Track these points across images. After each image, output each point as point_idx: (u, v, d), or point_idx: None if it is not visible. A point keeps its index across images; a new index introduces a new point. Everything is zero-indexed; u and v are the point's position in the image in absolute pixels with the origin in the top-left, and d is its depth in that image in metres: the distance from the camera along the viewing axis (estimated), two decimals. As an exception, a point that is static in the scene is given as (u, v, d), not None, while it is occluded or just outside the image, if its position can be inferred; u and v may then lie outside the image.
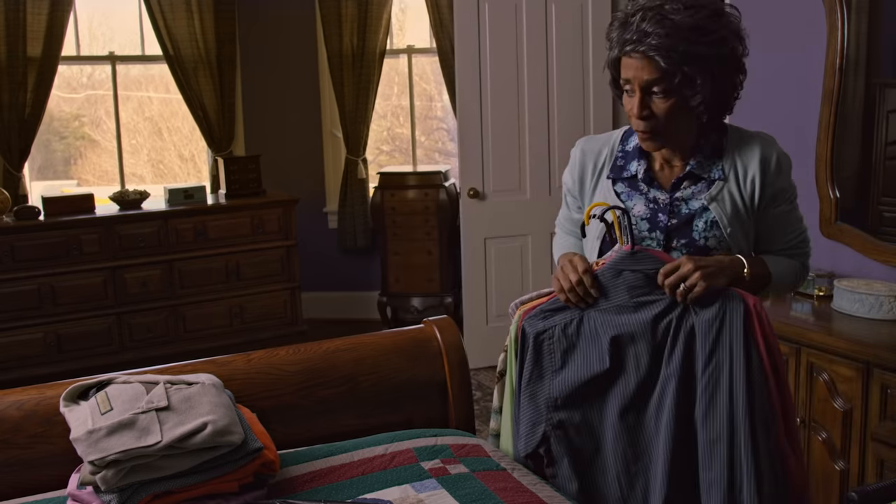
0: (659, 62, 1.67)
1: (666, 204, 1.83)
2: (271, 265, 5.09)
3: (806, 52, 3.07)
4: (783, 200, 1.86)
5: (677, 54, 1.66)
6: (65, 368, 4.43)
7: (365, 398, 2.20)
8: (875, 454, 2.41)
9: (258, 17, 5.72)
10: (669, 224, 1.82)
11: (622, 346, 1.76)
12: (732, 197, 1.81)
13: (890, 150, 2.95)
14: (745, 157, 1.83)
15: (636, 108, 1.74)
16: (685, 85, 1.70)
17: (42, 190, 5.81)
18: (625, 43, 1.71)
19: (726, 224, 1.79)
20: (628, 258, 1.76)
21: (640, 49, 1.68)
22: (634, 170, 1.87)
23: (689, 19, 1.68)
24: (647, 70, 1.69)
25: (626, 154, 1.91)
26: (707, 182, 1.82)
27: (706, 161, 1.83)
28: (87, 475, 1.67)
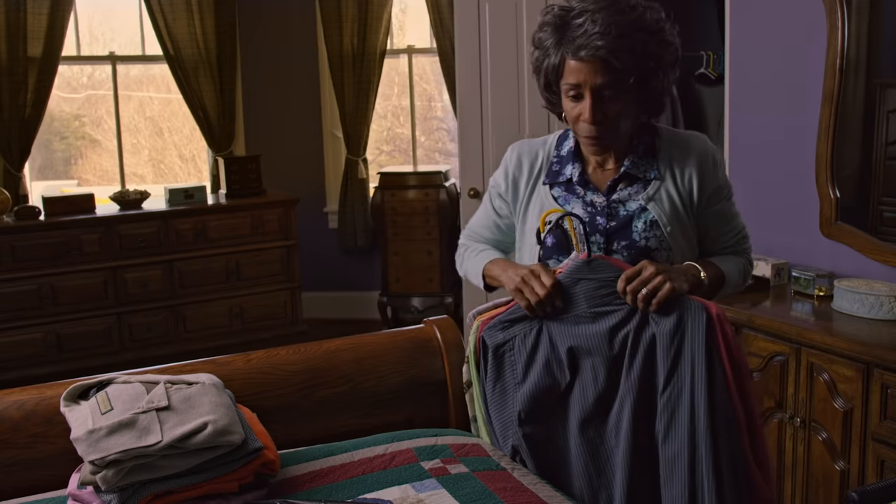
0: (613, 63, 1.64)
1: (603, 207, 1.81)
2: (271, 265, 5.10)
3: (806, 52, 3.07)
4: (722, 197, 1.86)
5: (632, 55, 1.64)
6: (65, 368, 4.43)
7: (365, 398, 2.20)
8: (875, 454, 2.41)
9: (258, 17, 5.72)
10: (608, 227, 1.79)
11: (579, 357, 1.72)
12: (670, 196, 1.79)
13: (890, 150, 2.95)
14: (681, 155, 1.82)
15: (588, 113, 1.69)
16: (638, 86, 1.69)
17: (42, 190, 5.81)
18: (574, 47, 1.66)
19: (665, 223, 1.78)
20: (585, 267, 1.72)
21: (591, 52, 1.64)
22: (570, 173, 1.85)
23: (639, 19, 1.67)
24: (599, 73, 1.65)
25: (560, 158, 1.88)
26: (643, 182, 1.81)
27: (640, 161, 1.81)
28: (88, 475, 1.67)
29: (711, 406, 1.60)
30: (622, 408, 1.67)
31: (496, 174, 1.97)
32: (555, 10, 1.74)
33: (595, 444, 1.72)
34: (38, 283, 4.53)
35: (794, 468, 2.68)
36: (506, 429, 1.85)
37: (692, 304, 1.65)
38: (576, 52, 1.66)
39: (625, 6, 1.67)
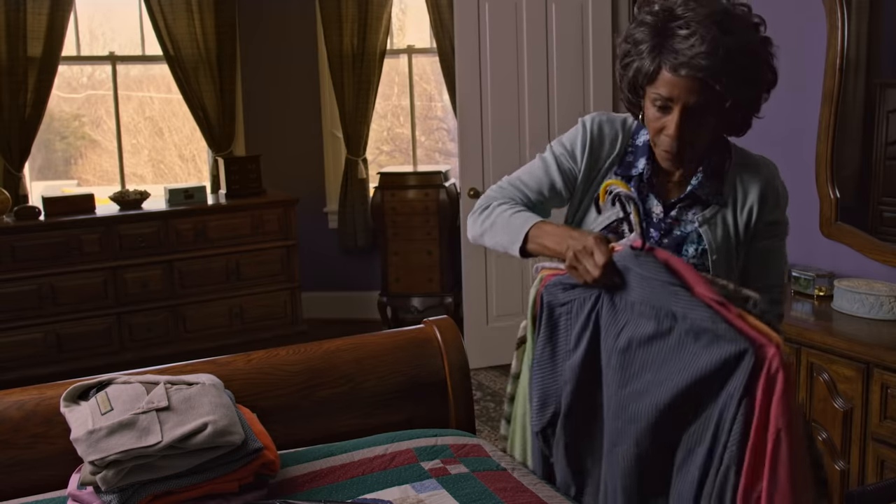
0: (713, 86, 1.53)
1: (660, 220, 1.72)
2: (271, 265, 5.10)
3: (806, 52, 3.07)
4: (774, 234, 1.76)
5: (734, 80, 1.54)
6: (65, 368, 4.43)
7: (365, 398, 2.20)
8: (875, 454, 2.41)
9: (258, 17, 5.72)
10: (661, 242, 1.70)
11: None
12: (726, 223, 1.71)
13: (890, 150, 2.95)
14: (747, 183, 1.73)
15: (674, 129, 1.59)
16: (733, 110, 1.60)
17: (42, 190, 5.81)
18: (675, 61, 1.54)
19: (713, 250, 1.69)
20: (631, 256, 1.55)
21: (692, 72, 1.52)
22: (642, 168, 1.73)
23: (749, 43, 1.56)
24: (695, 92, 1.54)
25: (636, 149, 1.76)
26: (703, 204, 1.72)
27: (707, 182, 1.72)
28: (88, 475, 1.67)
29: (719, 471, 1.44)
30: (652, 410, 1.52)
31: (571, 138, 1.79)
32: (657, 9, 1.59)
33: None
34: (38, 284, 4.53)
35: (794, 468, 2.68)
36: (546, 397, 1.73)
37: (743, 346, 1.42)
38: (676, 66, 1.54)
39: (737, 24, 1.56)
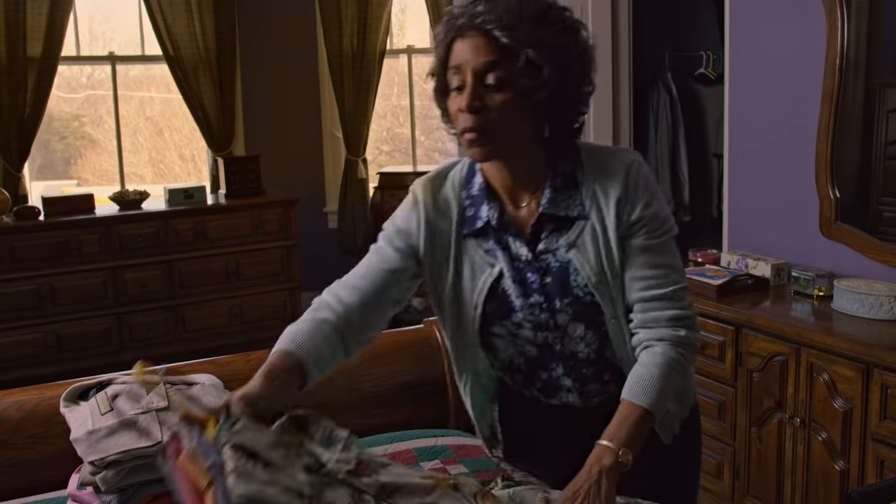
0: (499, 37, 1.36)
1: (530, 261, 1.50)
2: (271, 265, 5.10)
3: (806, 52, 3.07)
4: (644, 231, 1.48)
5: (521, 32, 1.37)
6: (65, 368, 4.43)
7: (365, 398, 2.20)
8: (875, 454, 2.41)
9: (258, 17, 5.72)
10: (544, 284, 1.49)
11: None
12: (596, 239, 1.47)
13: (890, 149, 2.95)
14: (606, 182, 1.48)
15: (467, 97, 1.39)
16: (528, 73, 1.38)
17: (42, 190, 5.81)
18: (459, 25, 1.40)
19: (590, 274, 1.46)
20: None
21: (476, 24, 1.38)
22: (486, 216, 1.51)
23: (535, 5, 1.41)
24: (483, 50, 1.38)
25: (472, 198, 1.54)
26: (568, 222, 1.49)
27: (560, 196, 1.48)
28: (87, 475, 1.67)
29: None
30: None
31: (403, 218, 1.61)
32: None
33: None
34: (38, 284, 4.53)
35: (793, 468, 2.68)
36: None
37: None
38: (460, 29, 1.40)
39: (538, 8, 1.41)
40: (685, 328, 1.49)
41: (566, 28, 1.42)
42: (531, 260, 1.50)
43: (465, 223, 1.54)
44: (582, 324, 1.50)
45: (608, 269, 1.47)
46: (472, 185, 1.55)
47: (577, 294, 1.48)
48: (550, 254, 1.49)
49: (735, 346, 2.86)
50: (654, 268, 1.49)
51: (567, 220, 1.48)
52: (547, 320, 1.50)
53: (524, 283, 1.50)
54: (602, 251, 1.47)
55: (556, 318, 1.50)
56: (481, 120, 1.40)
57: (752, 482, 2.86)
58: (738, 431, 2.89)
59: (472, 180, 1.56)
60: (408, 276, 1.59)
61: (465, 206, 1.55)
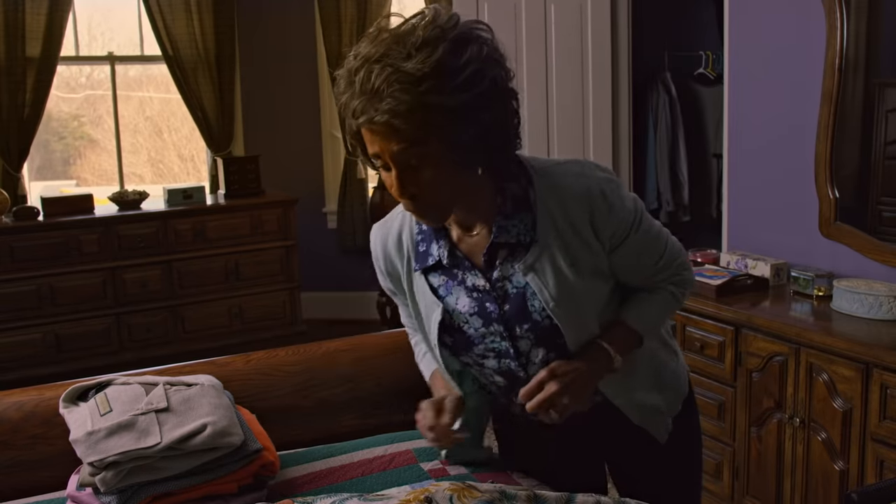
0: (401, 129, 1.27)
1: (487, 290, 1.48)
2: (271, 265, 5.09)
3: (805, 52, 3.07)
4: (627, 231, 1.48)
5: (424, 113, 1.26)
6: (64, 369, 4.43)
7: (364, 399, 2.20)
8: (875, 454, 2.41)
9: (257, 17, 5.72)
10: (503, 312, 1.47)
11: None
12: (555, 261, 1.43)
13: (889, 149, 2.95)
14: (562, 204, 1.43)
15: (396, 188, 1.34)
16: (442, 145, 1.30)
17: (41, 190, 5.81)
18: (361, 112, 1.29)
19: (548, 298, 1.43)
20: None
21: (375, 118, 1.27)
22: (437, 253, 1.50)
23: (425, 65, 1.25)
24: (393, 140, 1.28)
25: (424, 234, 1.53)
26: (523, 250, 1.45)
27: (510, 222, 1.44)
28: (87, 476, 1.67)
29: None
30: None
31: (376, 272, 1.66)
32: (349, 57, 1.33)
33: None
34: (37, 284, 4.52)
35: (793, 468, 2.68)
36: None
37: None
38: (362, 118, 1.29)
39: (408, 49, 1.27)
40: (685, 270, 1.62)
41: (471, 76, 1.29)
42: (488, 289, 1.48)
43: (418, 260, 1.53)
44: (543, 348, 1.49)
45: (569, 291, 1.44)
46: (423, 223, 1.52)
47: (535, 319, 1.46)
48: (507, 280, 1.47)
49: (734, 346, 2.86)
50: (649, 249, 1.54)
51: (521, 246, 1.45)
52: (507, 348, 1.50)
53: (484, 313, 1.48)
54: (563, 272, 1.44)
55: (517, 344, 1.49)
56: (419, 203, 1.36)
57: (751, 482, 2.86)
58: (738, 431, 2.89)
59: None
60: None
61: (418, 241, 1.54)
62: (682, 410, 1.71)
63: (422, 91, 1.25)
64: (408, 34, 1.29)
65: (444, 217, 1.43)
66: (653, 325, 1.59)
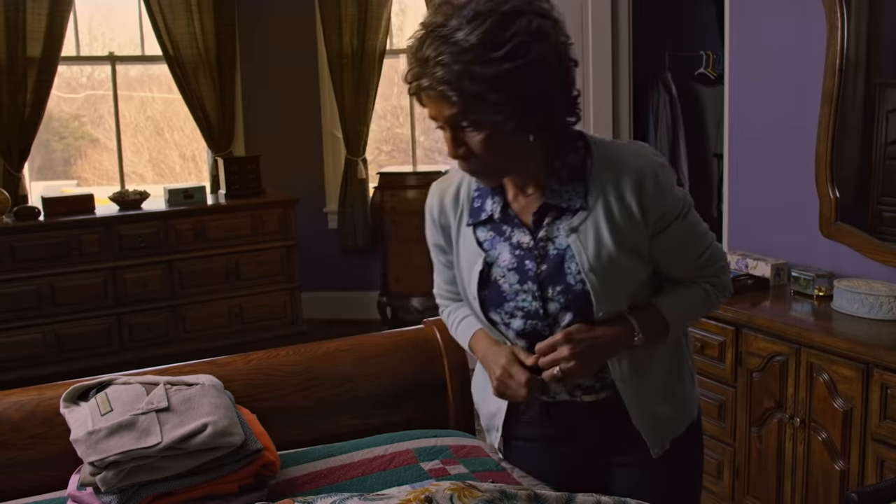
0: (451, 97, 1.38)
1: (530, 248, 1.55)
2: (271, 265, 5.10)
3: (806, 52, 3.07)
4: (671, 220, 1.54)
5: (469, 82, 1.36)
6: (65, 369, 4.43)
7: (365, 399, 2.20)
8: (875, 454, 2.41)
9: (258, 17, 5.72)
10: (539, 272, 1.53)
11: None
12: (598, 228, 1.50)
13: (890, 149, 2.95)
14: (616, 178, 1.51)
15: (450, 148, 1.46)
16: (490, 112, 1.40)
17: (42, 190, 5.81)
18: (414, 78, 1.43)
19: (585, 261, 1.49)
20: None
21: (427, 86, 1.40)
22: (490, 209, 1.59)
23: (474, 35, 1.35)
24: (444, 106, 1.41)
25: (481, 191, 1.62)
26: (571, 214, 1.53)
27: (564, 188, 1.53)
28: (88, 476, 1.67)
29: None
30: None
31: (427, 227, 1.73)
32: (419, 25, 1.45)
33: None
34: (38, 284, 4.53)
35: (793, 468, 2.68)
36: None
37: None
38: (414, 85, 1.44)
39: (460, 21, 1.37)
40: (724, 274, 1.66)
41: (514, 48, 1.37)
42: (531, 247, 1.55)
43: (471, 214, 1.62)
44: (571, 313, 1.53)
45: (606, 259, 1.50)
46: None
47: (569, 282, 1.51)
48: (550, 241, 1.54)
49: (735, 346, 2.86)
50: (692, 243, 1.60)
51: (570, 210, 1.53)
52: (537, 309, 1.55)
53: (522, 270, 1.55)
54: (604, 241, 1.50)
55: (546, 306, 1.54)
56: (472, 163, 1.48)
57: (752, 482, 2.86)
58: (738, 431, 2.89)
59: None
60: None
61: (474, 197, 1.63)
62: (685, 434, 1.70)
63: (467, 61, 1.35)
64: (464, 6, 1.38)
65: (495, 177, 1.54)
66: (682, 316, 1.62)
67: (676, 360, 1.69)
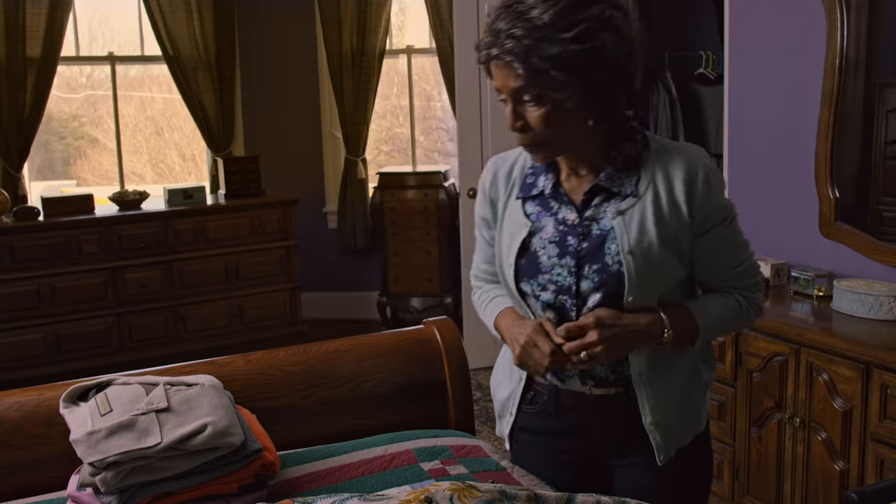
0: (517, 69, 1.47)
1: (575, 224, 1.61)
2: (271, 265, 5.09)
3: (806, 52, 3.07)
4: (715, 223, 1.60)
5: (536, 58, 1.45)
6: (64, 369, 4.42)
7: (365, 399, 2.20)
8: (875, 454, 2.42)
9: (258, 17, 5.72)
10: (580, 248, 1.59)
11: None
12: (643, 216, 1.56)
13: (889, 149, 2.95)
14: (668, 173, 1.58)
15: (510, 119, 1.54)
16: (552, 89, 1.48)
17: (41, 190, 5.81)
18: (485, 47, 1.52)
19: (626, 244, 1.54)
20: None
21: (496, 55, 1.49)
22: (542, 185, 1.66)
23: (547, 14, 1.44)
24: (510, 77, 1.49)
25: (535, 169, 1.69)
26: (620, 198, 1.59)
27: (618, 174, 1.59)
28: (87, 477, 1.67)
29: None
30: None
31: (476, 200, 1.79)
32: (498, 4, 1.55)
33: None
34: (38, 284, 4.52)
35: (793, 468, 2.68)
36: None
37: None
38: (483, 53, 1.53)
39: (534, 1, 1.46)
40: (758, 290, 1.69)
41: (582, 32, 1.44)
42: (576, 224, 1.61)
43: (522, 189, 1.69)
44: (601, 294, 1.56)
45: (647, 246, 1.55)
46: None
47: (606, 262, 1.56)
48: (595, 221, 1.59)
49: (735, 346, 2.86)
50: (732, 251, 1.65)
51: (619, 195, 1.59)
52: (570, 285, 1.59)
53: (563, 244, 1.60)
54: (647, 228, 1.55)
55: (579, 283, 1.58)
56: (529, 136, 1.55)
57: (751, 482, 2.86)
58: (738, 431, 2.89)
59: None
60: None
61: (528, 174, 1.70)
62: (691, 445, 1.70)
63: (537, 38, 1.44)
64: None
65: (549, 153, 1.60)
66: (714, 323, 1.64)
67: (696, 371, 1.69)
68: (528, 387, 1.73)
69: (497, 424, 1.85)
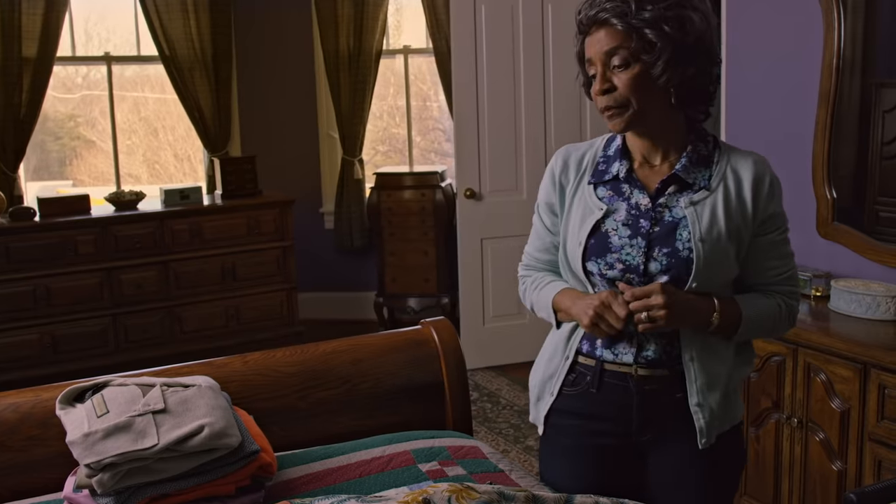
0: (615, 24, 1.60)
1: (648, 209, 1.69)
2: (267, 266, 5.08)
3: (802, 53, 3.08)
4: (772, 228, 1.72)
5: (634, 17, 1.58)
6: (60, 370, 4.41)
7: (362, 400, 2.20)
8: (873, 455, 2.42)
9: (254, 17, 5.71)
10: (651, 231, 1.67)
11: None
12: (714, 210, 1.67)
13: (886, 149, 2.95)
14: (737, 173, 1.70)
15: (598, 82, 1.65)
16: (644, 49, 1.59)
17: (37, 191, 5.79)
18: (583, 24, 1.66)
19: (697, 231, 1.64)
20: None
21: (596, 17, 1.62)
22: (616, 170, 1.74)
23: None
24: (605, 39, 1.62)
25: (607, 158, 1.77)
26: (693, 190, 1.69)
27: (693, 167, 1.70)
28: (84, 478, 1.66)
29: None
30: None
31: (542, 186, 1.85)
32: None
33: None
34: (34, 285, 4.51)
35: (791, 468, 2.68)
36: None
37: None
38: (585, 26, 1.66)
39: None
40: (797, 300, 1.79)
41: (677, 5, 1.59)
42: (649, 209, 1.69)
43: (594, 175, 1.77)
44: (668, 277, 1.64)
45: (715, 237, 1.64)
46: (609, 148, 1.79)
47: (677, 247, 1.65)
48: (668, 209, 1.68)
49: (732, 346, 2.85)
50: (781, 258, 1.75)
51: (693, 188, 1.69)
52: (639, 265, 1.67)
53: (635, 226, 1.68)
54: (721, 225, 1.65)
55: (648, 264, 1.66)
56: (613, 98, 1.63)
57: (749, 482, 2.86)
58: (736, 432, 2.89)
59: (611, 144, 1.79)
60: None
61: (600, 161, 1.78)
62: (728, 433, 1.74)
63: (636, 2, 1.58)
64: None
65: (629, 120, 1.66)
66: (755, 317, 1.71)
67: (741, 361, 1.76)
68: (573, 368, 1.77)
69: (531, 411, 1.86)
